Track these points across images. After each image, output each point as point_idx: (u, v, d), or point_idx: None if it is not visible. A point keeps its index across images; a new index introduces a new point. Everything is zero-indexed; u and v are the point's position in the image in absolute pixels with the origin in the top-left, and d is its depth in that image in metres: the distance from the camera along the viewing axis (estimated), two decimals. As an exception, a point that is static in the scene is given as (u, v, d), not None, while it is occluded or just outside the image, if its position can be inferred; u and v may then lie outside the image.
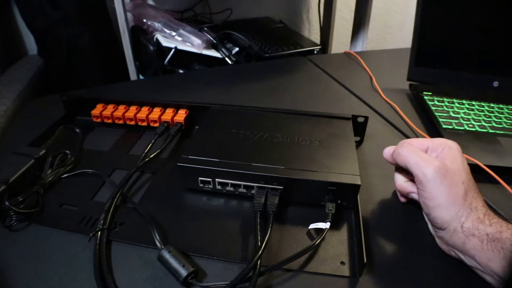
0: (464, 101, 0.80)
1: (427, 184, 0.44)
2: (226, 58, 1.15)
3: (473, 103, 0.79)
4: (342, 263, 0.46)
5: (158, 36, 1.13)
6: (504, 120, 0.74)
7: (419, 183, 0.45)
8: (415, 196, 0.52)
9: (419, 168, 0.45)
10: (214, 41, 1.18)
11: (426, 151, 0.49)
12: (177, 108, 0.71)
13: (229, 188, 0.54)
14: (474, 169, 0.50)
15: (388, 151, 0.52)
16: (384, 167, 0.61)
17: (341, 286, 0.43)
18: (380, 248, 0.48)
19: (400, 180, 0.54)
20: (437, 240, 0.48)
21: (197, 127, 0.72)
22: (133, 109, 0.71)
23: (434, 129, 0.73)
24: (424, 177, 0.44)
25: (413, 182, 0.52)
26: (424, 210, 0.46)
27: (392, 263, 0.46)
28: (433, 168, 0.44)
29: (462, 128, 0.71)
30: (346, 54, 1.12)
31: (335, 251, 0.48)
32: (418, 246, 0.49)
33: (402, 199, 0.55)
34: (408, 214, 0.54)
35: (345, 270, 0.45)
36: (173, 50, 1.09)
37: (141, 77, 1.19)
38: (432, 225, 0.46)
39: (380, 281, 0.44)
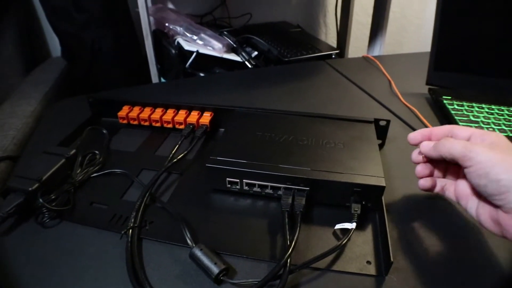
0: (483, 105, 0.80)
1: (476, 156, 0.42)
2: (246, 62, 1.16)
3: (493, 107, 0.80)
4: (368, 262, 0.47)
5: (180, 40, 1.15)
6: (525, 124, 0.74)
7: (468, 159, 0.43)
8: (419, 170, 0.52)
9: (466, 149, 0.44)
10: (234, 45, 1.20)
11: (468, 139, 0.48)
12: (202, 110, 0.72)
13: (256, 188, 0.56)
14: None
15: (426, 145, 0.51)
16: (406, 169, 0.62)
17: (368, 285, 0.44)
18: (405, 248, 0.49)
19: (415, 154, 0.54)
20: (501, 217, 0.42)
21: (221, 129, 0.73)
22: (158, 111, 0.73)
23: (454, 133, 0.73)
24: (472, 152, 0.43)
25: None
26: (479, 182, 0.43)
27: (417, 262, 0.47)
28: (481, 145, 0.44)
29: (482, 132, 0.71)
30: (364, 58, 1.13)
31: (361, 250, 0.49)
32: (443, 245, 0.50)
33: (422, 183, 0.53)
34: (432, 215, 0.54)
35: (372, 269, 0.46)
36: (194, 53, 1.11)
37: (162, 80, 1.20)
38: (495, 195, 0.42)
39: (406, 280, 0.45)
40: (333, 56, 1.24)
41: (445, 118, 0.79)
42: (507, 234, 0.42)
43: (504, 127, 0.72)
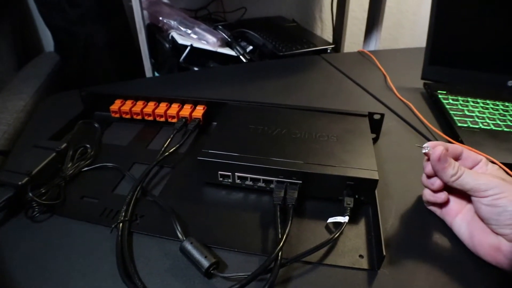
0: (478, 100, 0.80)
1: (490, 189, 0.44)
2: (241, 56, 1.15)
3: (488, 102, 0.79)
4: (361, 256, 0.47)
5: (174, 34, 1.14)
6: (519, 118, 0.74)
7: (482, 191, 0.44)
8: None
9: (477, 182, 0.45)
10: (229, 39, 1.19)
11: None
12: (195, 104, 0.72)
13: (248, 182, 0.55)
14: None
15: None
16: (399, 163, 0.62)
17: (360, 278, 0.44)
18: (398, 242, 0.49)
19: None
20: (503, 245, 0.44)
21: (214, 123, 0.73)
22: (151, 104, 0.72)
23: (448, 128, 0.73)
24: (491, 183, 0.44)
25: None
26: (493, 210, 0.43)
27: (410, 256, 0.47)
28: (492, 178, 0.45)
29: (477, 126, 0.71)
30: (360, 53, 1.12)
31: (354, 244, 0.48)
32: (435, 239, 0.49)
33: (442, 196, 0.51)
34: (425, 209, 0.54)
35: (364, 263, 0.46)
36: (188, 47, 1.10)
37: (156, 74, 1.20)
38: (504, 224, 0.43)
39: (398, 274, 0.45)
40: (329, 50, 1.23)
41: (440, 112, 0.78)
42: (504, 262, 0.43)
43: (498, 122, 0.72)
